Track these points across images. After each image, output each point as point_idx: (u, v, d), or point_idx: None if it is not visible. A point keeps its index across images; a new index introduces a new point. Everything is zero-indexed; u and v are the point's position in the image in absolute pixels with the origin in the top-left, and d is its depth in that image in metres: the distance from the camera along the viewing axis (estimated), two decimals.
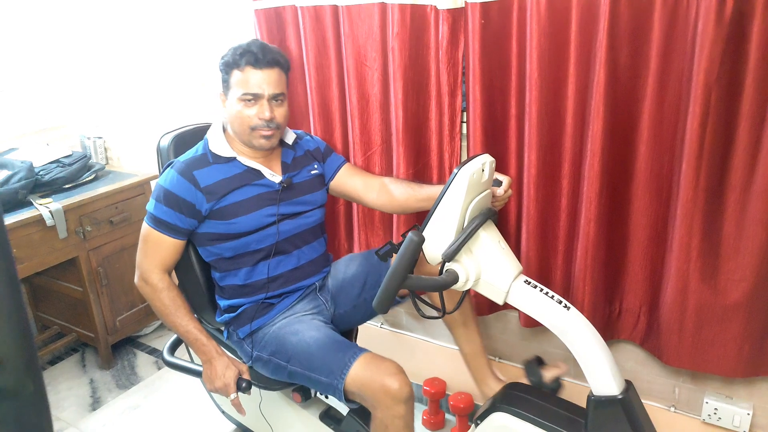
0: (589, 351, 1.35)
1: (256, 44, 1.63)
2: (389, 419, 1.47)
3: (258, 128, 1.63)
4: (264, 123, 1.63)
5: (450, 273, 1.37)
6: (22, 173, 2.40)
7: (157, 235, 1.66)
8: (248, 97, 1.62)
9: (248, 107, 1.63)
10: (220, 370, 1.64)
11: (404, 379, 1.47)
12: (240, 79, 1.62)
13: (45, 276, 2.70)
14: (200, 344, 1.66)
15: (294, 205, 1.73)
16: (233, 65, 1.63)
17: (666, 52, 1.50)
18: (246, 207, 1.66)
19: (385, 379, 1.46)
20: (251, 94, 1.61)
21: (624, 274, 1.77)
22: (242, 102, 1.63)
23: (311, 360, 1.57)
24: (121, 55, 2.70)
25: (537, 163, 1.71)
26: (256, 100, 1.62)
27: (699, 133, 1.45)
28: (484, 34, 1.67)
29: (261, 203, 1.68)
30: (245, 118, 1.63)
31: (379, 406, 1.47)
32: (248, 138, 1.66)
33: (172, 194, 1.63)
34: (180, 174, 1.64)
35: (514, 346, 2.14)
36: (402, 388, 1.45)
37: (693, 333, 1.64)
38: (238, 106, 1.63)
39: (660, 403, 1.89)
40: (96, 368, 2.75)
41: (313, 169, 1.81)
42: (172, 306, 1.66)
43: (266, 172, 1.70)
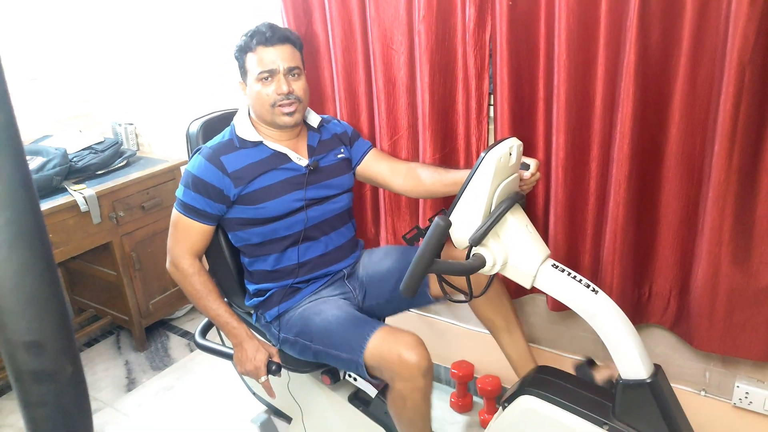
0: (617, 335, 1.34)
1: (264, 25, 1.66)
2: (407, 391, 1.48)
3: (278, 104, 1.65)
4: (283, 97, 1.65)
5: (477, 257, 1.38)
6: (56, 160, 2.45)
7: (187, 220, 1.68)
8: (264, 75, 1.64)
9: (266, 85, 1.65)
10: (250, 353, 1.66)
11: (422, 352, 1.47)
12: (254, 60, 1.65)
13: (80, 260, 2.77)
14: (231, 328, 1.69)
15: (321, 188, 1.74)
16: (246, 49, 1.66)
17: (698, 32, 1.46)
18: (273, 192, 1.68)
19: (402, 352, 1.46)
20: (267, 71, 1.64)
21: (654, 257, 1.75)
22: (260, 82, 1.65)
23: (332, 337, 1.60)
24: (151, 43, 2.73)
25: (565, 146, 1.69)
26: (273, 77, 1.64)
27: (732, 114, 1.42)
28: (511, 16, 1.65)
29: (288, 188, 1.69)
30: (265, 97, 1.65)
31: (397, 378, 1.48)
32: (271, 117, 1.68)
33: (200, 180, 1.66)
34: (207, 160, 1.66)
35: (543, 329, 2.13)
36: (420, 361, 1.45)
37: (724, 317, 1.62)
38: (256, 86, 1.66)
39: (691, 387, 1.87)
40: (131, 350, 2.82)
41: (340, 152, 1.82)
42: (203, 290, 1.69)
43: (293, 155, 1.71)
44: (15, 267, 0.39)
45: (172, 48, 2.66)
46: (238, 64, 1.71)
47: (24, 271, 0.39)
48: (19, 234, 0.38)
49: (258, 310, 1.80)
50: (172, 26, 2.61)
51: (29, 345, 0.40)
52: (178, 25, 2.58)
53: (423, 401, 1.50)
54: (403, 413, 1.55)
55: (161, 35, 2.67)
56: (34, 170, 2.38)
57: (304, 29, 2.05)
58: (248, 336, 1.69)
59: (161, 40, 2.69)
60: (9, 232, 0.38)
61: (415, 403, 1.49)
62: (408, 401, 1.49)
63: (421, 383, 1.47)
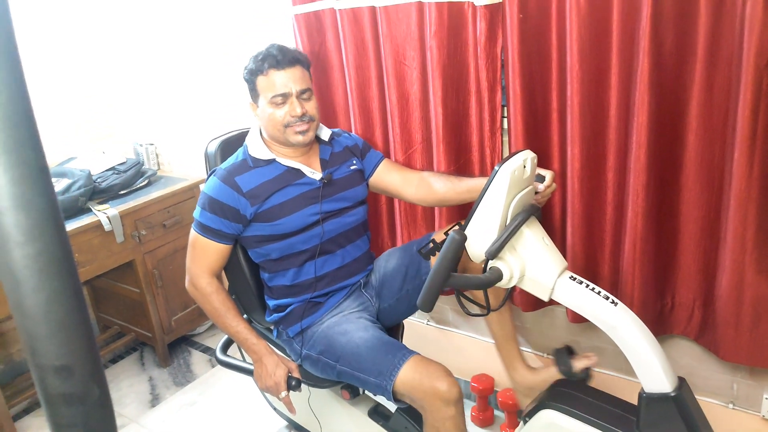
0: (638, 347, 1.32)
1: (275, 47, 1.68)
2: (440, 422, 1.48)
3: (291, 124, 1.68)
4: (297, 119, 1.67)
5: (494, 271, 1.38)
6: (81, 181, 2.50)
7: (204, 240, 1.70)
8: (278, 99, 1.66)
9: (279, 108, 1.67)
10: (270, 369, 1.68)
11: (453, 381, 1.48)
12: (266, 84, 1.67)
13: (104, 278, 2.81)
14: (250, 344, 1.71)
15: (336, 201, 1.76)
16: (257, 72, 1.68)
17: (713, 37, 1.44)
18: (289, 208, 1.69)
19: (434, 382, 1.47)
20: (279, 95, 1.66)
21: (675, 267, 1.73)
22: (272, 105, 1.67)
23: (360, 361, 1.60)
24: (170, 65, 2.78)
25: (580, 156, 1.69)
26: (285, 100, 1.67)
27: (751, 120, 1.40)
28: (522, 28, 1.66)
29: (303, 203, 1.71)
30: (278, 118, 1.67)
31: (430, 409, 1.49)
32: (284, 137, 1.70)
33: (215, 201, 1.68)
34: (222, 181, 1.68)
35: (563, 341, 2.11)
36: (450, 389, 1.46)
37: (750, 327, 1.59)
38: (269, 109, 1.68)
39: (718, 399, 1.83)
40: (154, 366, 2.85)
41: (352, 164, 1.84)
42: (222, 308, 1.71)
43: (306, 170, 1.73)
44: (45, 295, 0.40)
45: (191, 69, 2.71)
46: (249, 86, 1.73)
47: (53, 299, 0.41)
48: (48, 264, 0.40)
49: (279, 325, 1.81)
50: (189, 49, 2.66)
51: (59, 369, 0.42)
52: (196, 48, 2.63)
53: (455, 429, 1.50)
54: None
55: (180, 57, 2.72)
56: (59, 192, 2.43)
57: (317, 48, 2.08)
58: (268, 352, 1.70)
59: (180, 62, 2.73)
60: (40, 262, 0.40)
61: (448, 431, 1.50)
62: (441, 430, 1.50)
63: (453, 412, 1.48)
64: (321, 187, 1.73)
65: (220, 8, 2.45)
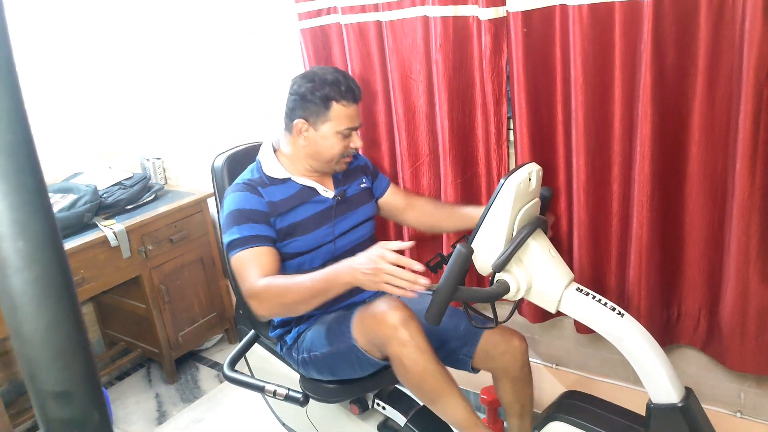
0: (645, 358, 1.33)
1: (350, 79, 1.67)
2: (399, 349, 1.45)
3: (345, 156, 1.71)
4: (350, 151, 1.71)
5: (501, 283, 1.38)
6: (87, 197, 2.52)
7: (249, 252, 1.56)
8: (346, 132, 1.67)
9: (342, 140, 1.67)
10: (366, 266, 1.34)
11: (395, 305, 1.47)
12: (342, 114, 1.64)
13: (111, 294, 2.82)
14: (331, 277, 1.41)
15: (348, 219, 1.77)
16: (332, 98, 1.63)
17: (714, 51, 1.46)
18: (304, 227, 1.69)
19: (378, 313, 1.48)
20: (351, 128, 1.67)
21: (681, 277, 1.73)
22: (338, 135, 1.66)
23: (328, 335, 1.62)
24: (176, 80, 2.80)
25: (585, 168, 1.69)
26: (351, 133, 1.69)
27: (752, 132, 1.42)
28: (527, 42, 1.67)
29: (318, 222, 1.71)
30: (337, 149, 1.67)
31: (385, 341, 1.47)
32: (332, 165, 1.72)
33: (243, 211, 1.61)
34: (244, 191, 1.65)
35: (571, 352, 2.11)
36: (395, 312, 1.45)
37: (755, 336, 1.59)
38: (332, 138, 1.66)
39: (726, 408, 1.83)
40: (161, 383, 2.85)
41: (362, 182, 1.85)
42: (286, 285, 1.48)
43: (320, 188, 1.73)
44: (45, 321, 0.40)
45: (198, 84, 2.73)
46: (313, 107, 1.63)
47: (53, 325, 0.41)
48: (47, 289, 0.40)
49: (281, 338, 1.81)
50: (196, 63, 2.68)
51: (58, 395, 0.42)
52: (203, 62, 2.65)
53: (419, 355, 1.43)
54: (408, 377, 1.48)
55: (187, 72, 2.74)
56: (65, 207, 2.45)
57: (323, 61, 2.10)
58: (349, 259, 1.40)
59: (187, 76, 2.76)
60: (39, 287, 0.40)
61: (412, 359, 1.44)
62: (404, 360, 1.45)
63: (406, 334, 1.43)
64: (334, 206, 1.74)
65: (227, 22, 2.47)
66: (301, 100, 1.65)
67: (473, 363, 1.75)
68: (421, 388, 1.50)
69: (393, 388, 1.90)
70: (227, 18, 2.46)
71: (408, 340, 1.44)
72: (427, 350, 1.46)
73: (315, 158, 1.71)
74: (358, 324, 1.54)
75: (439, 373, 1.47)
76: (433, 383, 1.47)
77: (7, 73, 0.39)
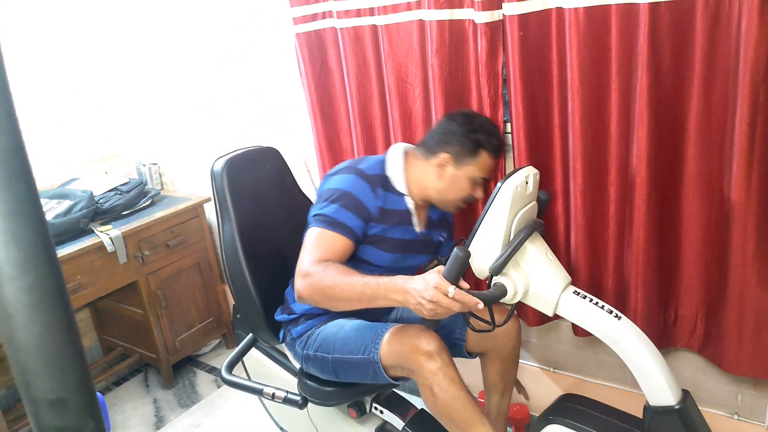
0: (642, 361, 1.33)
1: (501, 137, 1.74)
2: (430, 377, 1.46)
3: (465, 202, 1.72)
4: (470, 199, 1.72)
5: (498, 287, 1.38)
6: (83, 202, 2.51)
7: (332, 235, 1.53)
8: (480, 181, 1.69)
9: (474, 187, 1.69)
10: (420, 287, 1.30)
11: (431, 335, 1.47)
12: (484, 164, 1.67)
13: (108, 300, 2.81)
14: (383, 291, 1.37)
15: (416, 259, 1.78)
16: (484, 147, 1.64)
17: (710, 54, 1.47)
18: (389, 245, 1.67)
19: (412, 340, 1.47)
20: (484, 178, 1.70)
21: (678, 280, 1.73)
22: (472, 181, 1.67)
23: (348, 343, 1.60)
24: (171, 86, 2.80)
25: (582, 171, 1.69)
26: (480, 182, 1.70)
27: (748, 134, 1.42)
28: (523, 46, 1.67)
29: (401, 248, 1.69)
30: (463, 193, 1.69)
31: (417, 368, 1.47)
32: (452, 206, 1.73)
33: (353, 197, 1.58)
34: (364, 180, 1.62)
35: (568, 355, 2.11)
36: (429, 342, 1.46)
37: (752, 339, 1.60)
38: (465, 182, 1.67)
39: (723, 410, 1.83)
40: (159, 388, 2.84)
41: (442, 236, 1.84)
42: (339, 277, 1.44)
43: (414, 220, 1.72)
44: (37, 329, 0.40)
45: (194, 89, 2.73)
46: (461, 149, 1.63)
47: (46, 333, 0.41)
48: (40, 297, 0.40)
49: (286, 326, 1.80)
50: (192, 69, 2.68)
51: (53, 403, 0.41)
52: (199, 67, 2.65)
53: (450, 383, 1.45)
54: (438, 405, 1.48)
55: (182, 77, 2.74)
56: (62, 213, 2.44)
57: (319, 66, 2.10)
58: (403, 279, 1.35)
59: (182, 81, 2.76)
60: (31, 296, 0.40)
61: (442, 387, 1.45)
62: (435, 388, 1.46)
63: (438, 364, 1.45)
64: (417, 242, 1.74)
65: (222, 27, 2.47)
66: (455, 136, 1.65)
67: (469, 347, 1.76)
68: (450, 417, 1.50)
69: (391, 392, 1.90)
70: (222, 22, 2.46)
71: (440, 369, 1.45)
72: (458, 380, 1.47)
73: (440, 193, 1.69)
74: (390, 343, 1.52)
75: (469, 402, 1.47)
76: (463, 412, 1.47)
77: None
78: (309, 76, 2.11)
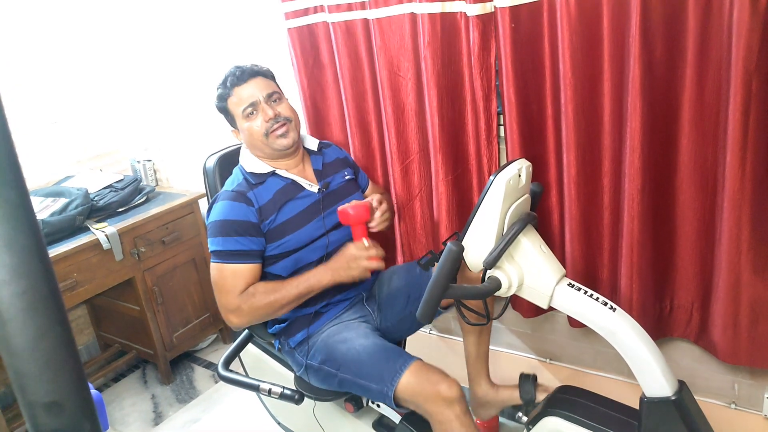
0: (638, 352, 1.33)
1: (232, 67, 1.74)
2: (447, 423, 1.48)
3: (270, 130, 1.69)
4: (272, 122, 1.69)
5: (492, 280, 1.38)
6: (78, 200, 2.51)
7: (232, 267, 1.62)
8: (249, 110, 1.70)
9: (253, 119, 1.70)
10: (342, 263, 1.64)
11: (452, 381, 1.49)
12: (235, 102, 1.71)
13: (104, 297, 2.81)
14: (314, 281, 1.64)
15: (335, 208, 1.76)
16: (225, 96, 1.73)
17: (702, 43, 1.46)
18: (295, 223, 1.70)
19: (435, 386, 1.48)
20: (248, 105, 1.69)
21: (673, 270, 1.74)
22: (246, 119, 1.70)
23: (361, 368, 1.59)
24: (164, 82, 2.79)
25: (576, 162, 1.69)
26: (255, 109, 1.70)
27: (742, 123, 1.42)
28: (515, 37, 1.67)
29: (307, 217, 1.72)
30: (256, 129, 1.70)
31: (434, 412, 1.48)
32: (269, 147, 1.71)
33: (228, 222, 1.64)
34: (232, 200, 1.66)
35: (565, 346, 2.12)
36: (451, 389, 1.47)
37: (749, 328, 1.60)
38: (245, 124, 1.71)
39: (720, 400, 1.84)
40: (157, 384, 2.84)
41: (346, 174, 1.86)
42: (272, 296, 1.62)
43: (304, 182, 1.74)
44: (32, 333, 0.41)
45: (187, 85, 2.72)
46: (223, 114, 1.77)
47: (40, 336, 0.41)
48: (34, 301, 0.40)
49: (281, 336, 1.81)
50: (185, 64, 2.67)
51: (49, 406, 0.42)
52: (192, 63, 2.64)
53: (462, 427, 1.49)
54: None
55: (175, 73, 2.73)
56: (57, 211, 2.44)
57: (311, 61, 2.09)
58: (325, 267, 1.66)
59: (176, 77, 2.74)
60: (25, 300, 0.40)
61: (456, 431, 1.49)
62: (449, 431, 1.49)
63: (458, 410, 1.47)
64: (321, 199, 1.74)
65: (215, 24, 2.46)
66: (221, 114, 1.79)
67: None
68: None
69: None
70: (215, 18, 2.45)
71: (457, 417, 1.47)
72: (473, 429, 1.50)
73: (257, 149, 1.74)
74: (410, 383, 1.51)
75: None
76: None
77: None
78: (302, 71, 2.10)
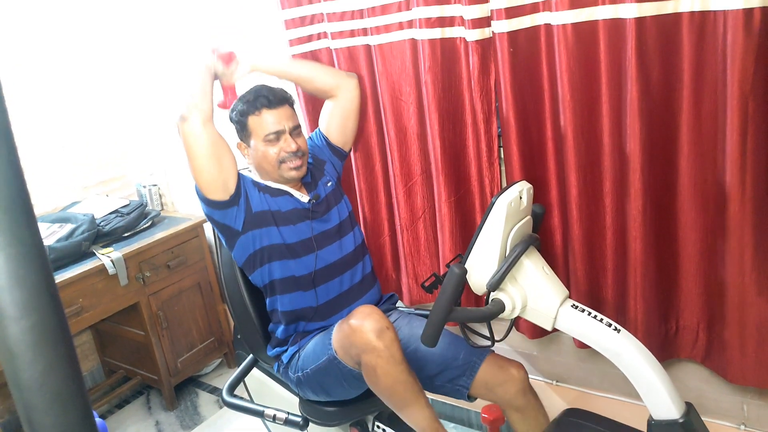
0: (644, 374, 1.32)
1: (265, 88, 1.77)
2: (374, 360, 1.48)
3: (286, 160, 1.74)
4: (291, 154, 1.73)
5: (496, 302, 1.38)
6: (84, 226, 2.52)
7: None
8: (271, 137, 1.73)
9: (273, 145, 1.74)
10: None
11: (373, 316, 1.50)
12: (259, 123, 1.74)
13: (109, 322, 2.82)
14: None
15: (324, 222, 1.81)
16: (248, 112, 1.76)
17: (697, 65, 1.47)
18: (284, 218, 1.75)
19: (352, 322, 1.51)
20: (273, 132, 1.72)
21: (677, 290, 1.73)
22: (266, 143, 1.74)
23: (315, 350, 1.65)
24: (171, 106, 2.82)
25: (577, 183, 1.70)
26: (279, 137, 1.73)
27: (740, 144, 1.42)
28: (513, 62, 1.69)
29: (297, 217, 1.77)
30: (272, 156, 1.74)
31: (360, 351, 1.50)
32: (279, 173, 1.76)
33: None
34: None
35: (571, 367, 2.11)
36: (367, 321, 1.48)
37: (755, 348, 1.59)
38: (262, 147, 1.74)
39: (729, 421, 1.82)
40: (161, 410, 2.83)
41: (328, 182, 1.90)
42: None
43: (296, 194, 1.81)
44: (40, 367, 0.41)
45: None
46: (238, 127, 1.81)
47: (49, 371, 0.42)
48: (43, 336, 0.41)
49: (279, 358, 1.81)
50: None
51: None
52: None
53: (393, 366, 1.48)
54: (380, 385, 1.52)
55: None
56: (63, 237, 2.45)
57: None
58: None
59: None
60: (34, 335, 0.41)
61: (385, 370, 1.48)
62: (378, 370, 1.49)
63: (380, 344, 1.47)
64: (310, 209, 1.79)
65: None
66: (234, 126, 1.82)
67: (473, 393, 1.73)
68: (390, 398, 1.55)
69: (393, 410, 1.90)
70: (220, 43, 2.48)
71: (382, 350, 1.47)
72: (401, 361, 1.50)
73: (265, 172, 1.79)
74: (337, 334, 1.57)
75: (410, 384, 1.52)
76: (403, 393, 1.52)
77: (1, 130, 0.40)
78: (306, 97, 2.13)
